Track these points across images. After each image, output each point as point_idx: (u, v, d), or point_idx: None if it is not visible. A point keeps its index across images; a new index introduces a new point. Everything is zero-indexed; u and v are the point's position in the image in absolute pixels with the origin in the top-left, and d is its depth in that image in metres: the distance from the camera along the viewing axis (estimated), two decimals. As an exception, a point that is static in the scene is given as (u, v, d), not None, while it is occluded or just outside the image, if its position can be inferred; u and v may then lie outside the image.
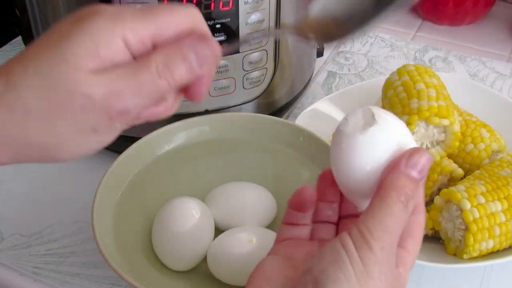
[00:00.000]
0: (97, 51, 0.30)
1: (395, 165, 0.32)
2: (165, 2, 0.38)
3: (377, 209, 0.31)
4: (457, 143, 0.58)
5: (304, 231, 0.39)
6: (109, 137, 0.33)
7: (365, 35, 0.91)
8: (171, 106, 0.35)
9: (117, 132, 0.33)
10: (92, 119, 0.31)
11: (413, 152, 0.33)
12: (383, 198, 0.32)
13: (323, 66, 0.85)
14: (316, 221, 0.40)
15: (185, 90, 0.35)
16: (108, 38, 0.31)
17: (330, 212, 0.39)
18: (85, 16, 0.31)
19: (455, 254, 0.55)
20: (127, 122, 0.33)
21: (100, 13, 0.31)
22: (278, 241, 0.39)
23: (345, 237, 0.31)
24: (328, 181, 0.38)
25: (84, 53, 0.30)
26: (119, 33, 0.31)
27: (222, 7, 0.56)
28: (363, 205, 0.35)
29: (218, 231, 0.55)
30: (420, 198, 0.34)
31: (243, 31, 0.58)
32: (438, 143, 0.58)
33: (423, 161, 0.32)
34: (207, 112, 0.62)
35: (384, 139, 0.33)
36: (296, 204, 0.39)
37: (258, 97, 0.65)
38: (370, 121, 0.33)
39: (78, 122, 0.31)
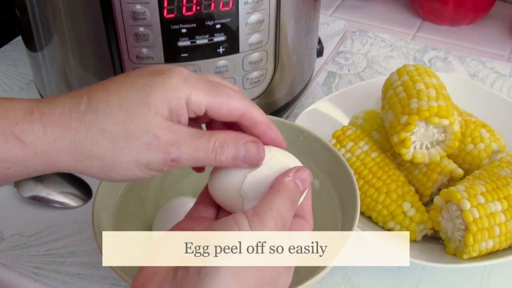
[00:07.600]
0: (169, 102, 0.37)
1: (286, 172, 0.39)
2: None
3: (272, 198, 0.36)
4: (457, 143, 0.58)
5: (209, 212, 0.43)
6: (153, 174, 0.38)
7: (365, 35, 0.91)
8: None
9: (161, 173, 0.39)
10: (150, 155, 0.37)
11: (299, 168, 0.39)
12: (277, 192, 0.37)
13: (323, 66, 0.85)
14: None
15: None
16: (179, 95, 0.37)
17: None
18: (162, 72, 0.38)
19: (455, 254, 0.55)
20: (173, 168, 0.38)
21: (174, 73, 0.38)
22: (185, 217, 0.42)
23: (239, 215, 0.35)
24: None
25: (161, 103, 0.37)
26: (185, 94, 0.37)
27: (222, 7, 0.56)
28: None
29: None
30: (308, 206, 0.41)
31: (243, 31, 0.58)
32: (438, 143, 0.58)
33: (305, 175, 0.39)
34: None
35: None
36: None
37: (258, 97, 0.65)
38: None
39: (139, 153, 0.37)
